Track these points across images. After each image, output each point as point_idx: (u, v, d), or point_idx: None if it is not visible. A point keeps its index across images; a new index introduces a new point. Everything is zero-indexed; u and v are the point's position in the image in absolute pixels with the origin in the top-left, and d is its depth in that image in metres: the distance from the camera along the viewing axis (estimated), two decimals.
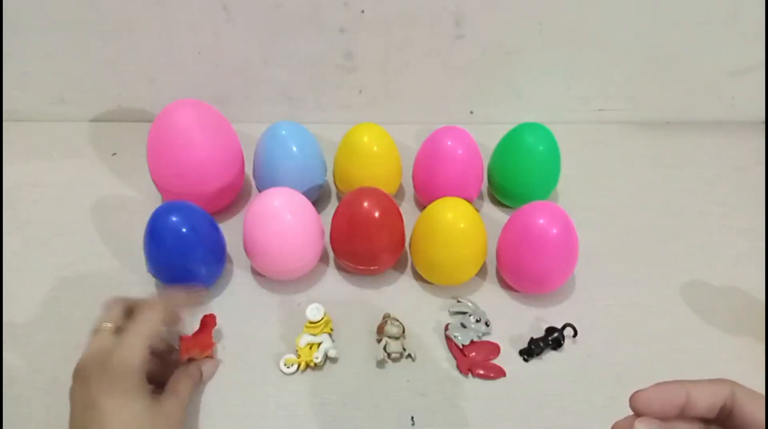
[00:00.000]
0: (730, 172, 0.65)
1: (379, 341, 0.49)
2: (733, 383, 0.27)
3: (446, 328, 0.51)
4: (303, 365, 0.48)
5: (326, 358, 0.48)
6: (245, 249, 0.52)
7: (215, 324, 0.48)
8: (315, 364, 0.48)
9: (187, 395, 0.44)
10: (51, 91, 0.67)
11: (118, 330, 0.41)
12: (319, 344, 0.48)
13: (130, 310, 0.44)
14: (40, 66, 0.64)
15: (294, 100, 0.68)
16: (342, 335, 0.50)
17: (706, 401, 0.26)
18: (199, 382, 0.46)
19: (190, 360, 0.47)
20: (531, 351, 0.49)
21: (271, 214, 0.49)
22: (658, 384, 0.27)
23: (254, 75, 0.65)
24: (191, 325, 0.49)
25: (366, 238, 0.50)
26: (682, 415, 0.27)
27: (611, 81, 0.66)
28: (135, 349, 0.40)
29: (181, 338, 0.47)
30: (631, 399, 0.27)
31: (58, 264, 0.55)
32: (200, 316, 0.49)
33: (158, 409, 0.40)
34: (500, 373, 0.48)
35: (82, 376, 0.39)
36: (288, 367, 0.48)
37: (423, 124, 0.66)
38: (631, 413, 0.28)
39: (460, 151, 0.55)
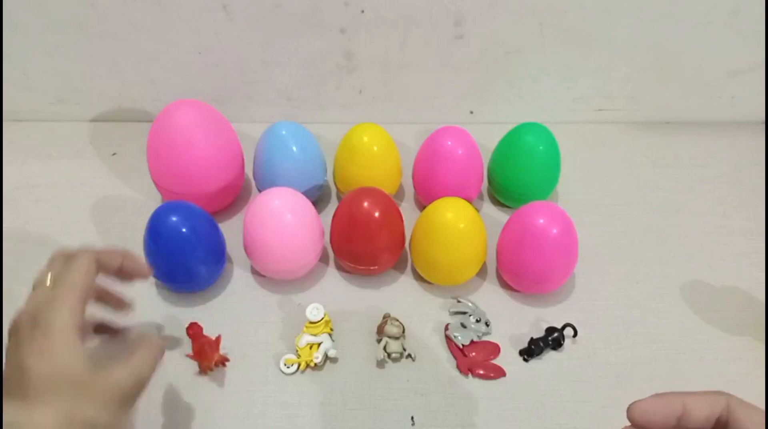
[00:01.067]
0: (730, 172, 0.65)
1: (379, 341, 0.49)
2: (729, 395, 0.27)
3: (446, 328, 0.51)
4: (303, 365, 0.48)
5: (326, 358, 0.48)
6: (245, 249, 0.52)
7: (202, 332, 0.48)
8: (315, 364, 0.48)
9: (144, 367, 0.37)
10: (51, 91, 0.67)
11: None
12: (319, 344, 0.48)
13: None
14: (40, 66, 0.64)
15: (294, 100, 0.68)
16: (342, 335, 0.50)
17: (703, 412, 0.27)
18: (161, 359, 0.39)
19: (205, 367, 0.47)
20: (531, 351, 0.49)
21: (271, 214, 0.49)
22: (656, 395, 0.28)
23: (254, 75, 0.65)
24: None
25: (366, 238, 0.50)
26: (679, 426, 0.27)
27: (611, 81, 0.66)
28: (66, 305, 0.35)
29: (197, 340, 0.47)
30: (628, 410, 0.28)
31: None
32: (186, 328, 0.48)
33: (100, 376, 0.35)
34: (500, 373, 0.48)
35: (14, 335, 0.36)
36: (288, 367, 0.48)
37: (423, 124, 0.66)
38: (628, 423, 0.28)
39: (460, 151, 0.55)
